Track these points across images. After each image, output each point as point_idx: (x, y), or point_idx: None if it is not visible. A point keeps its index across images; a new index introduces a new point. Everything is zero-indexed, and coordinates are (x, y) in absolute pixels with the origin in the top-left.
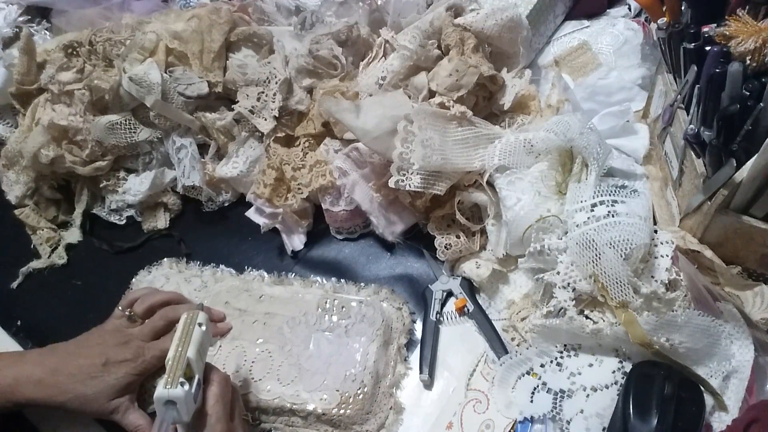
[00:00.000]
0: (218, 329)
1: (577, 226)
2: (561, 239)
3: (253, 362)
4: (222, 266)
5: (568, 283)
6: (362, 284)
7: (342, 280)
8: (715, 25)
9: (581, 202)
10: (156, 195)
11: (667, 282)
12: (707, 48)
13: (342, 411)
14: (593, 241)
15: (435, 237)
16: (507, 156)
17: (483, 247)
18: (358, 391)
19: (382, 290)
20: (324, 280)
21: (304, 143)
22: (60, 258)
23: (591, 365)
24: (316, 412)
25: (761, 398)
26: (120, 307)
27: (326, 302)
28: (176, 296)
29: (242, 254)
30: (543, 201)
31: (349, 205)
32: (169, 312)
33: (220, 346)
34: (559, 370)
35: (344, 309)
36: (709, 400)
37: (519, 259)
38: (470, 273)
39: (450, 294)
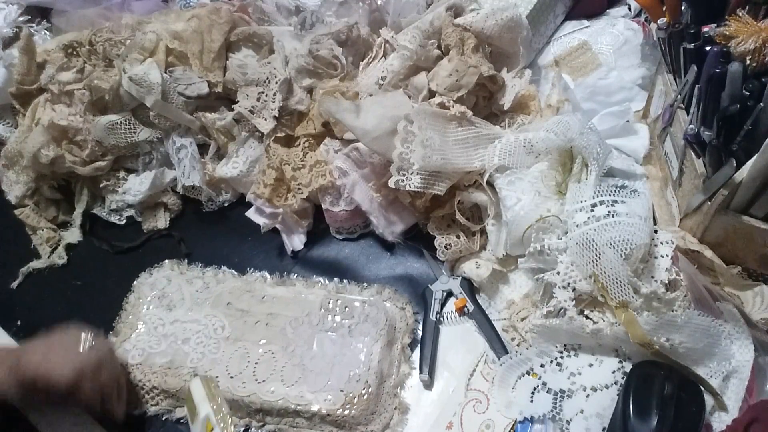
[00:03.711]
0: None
1: (577, 226)
2: (561, 239)
3: (256, 363)
4: (224, 267)
5: (568, 283)
6: (365, 284)
7: (345, 281)
8: (715, 25)
9: (581, 202)
10: (156, 195)
11: (667, 282)
12: (707, 48)
13: (347, 411)
14: (593, 241)
15: (435, 237)
16: (507, 156)
17: (483, 247)
18: (363, 392)
19: (385, 290)
20: (326, 281)
21: (304, 143)
22: (60, 258)
23: (591, 365)
24: (321, 412)
25: (761, 398)
26: None
27: (329, 302)
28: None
29: (242, 254)
30: (543, 201)
31: (349, 205)
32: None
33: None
34: (559, 370)
35: (347, 309)
36: (709, 400)
37: (519, 259)
38: (470, 273)
39: (450, 294)
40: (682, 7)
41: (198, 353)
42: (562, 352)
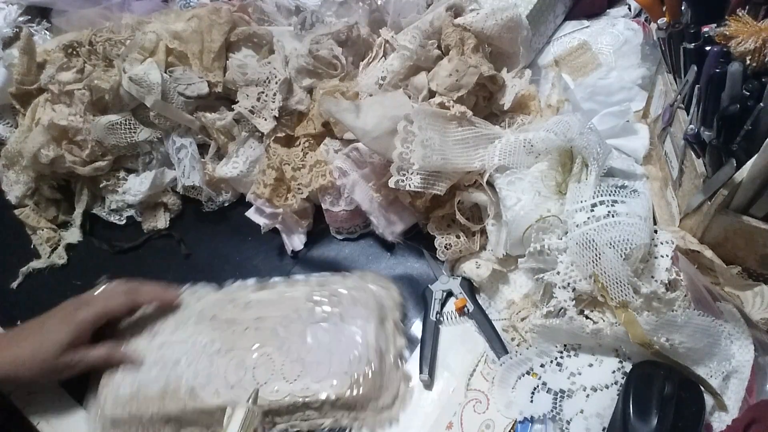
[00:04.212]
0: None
1: (577, 226)
2: (561, 239)
3: (254, 368)
4: (199, 283)
5: (568, 283)
6: (346, 273)
7: (326, 273)
8: (715, 25)
9: (581, 202)
10: (156, 195)
11: (667, 282)
12: (707, 48)
13: (355, 391)
14: (593, 241)
15: (435, 237)
16: (507, 156)
17: (483, 247)
18: (367, 369)
19: (367, 274)
20: (307, 277)
21: (304, 143)
22: (60, 258)
23: (591, 365)
24: (330, 399)
25: (761, 398)
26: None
27: (315, 295)
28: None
29: (242, 254)
30: (543, 201)
31: (349, 205)
32: (130, 284)
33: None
34: (559, 370)
35: (334, 297)
36: (709, 400)
37: (519, 259)
38: (470, 273)
39: (450, 294)
40: (682, 7)
41: (192, 371)
42: (562, 352)
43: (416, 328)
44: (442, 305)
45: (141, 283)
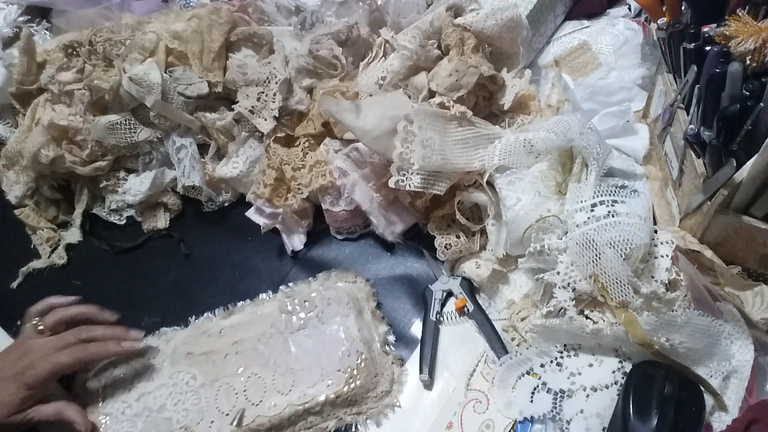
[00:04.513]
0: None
1: (577, 226)
2: (561, 239)
3: (245, 391)
4: (164, 327)
5: (568, 283)
6: (310, 279)
7: (290, 284)
8: (715, 25)
9: (581, 202)
10: (156, 195)
11: (667, 282)
12: (707, 48)
13: (352, 385)
14: (593, 241)
15: (435, 237)
16: (507, 156)
17: (483, 247)
18: (359, 361)
19: (331, 274)
20: (271, 293)
21: (304, 143)
22: (60, 258)
23: (591, 365)
24: (329, 399)
25: (761, 398)
26: (26, 318)
27: (287, 305)
28: (91, 312)
29: (242, 254)
30: (543, 201)
31: (349, 205)
32: (83, 332)
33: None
34: (559, 370)
35: (307, 303)
36: (709, 400)
37: (519, 259)
38: (470, 273)
39: (450, 294)
40: (682, 7)
41: (181, 412)
42: (562, 352)
43: (416, 328)
44: (442, 305)
45: (93, 325)
